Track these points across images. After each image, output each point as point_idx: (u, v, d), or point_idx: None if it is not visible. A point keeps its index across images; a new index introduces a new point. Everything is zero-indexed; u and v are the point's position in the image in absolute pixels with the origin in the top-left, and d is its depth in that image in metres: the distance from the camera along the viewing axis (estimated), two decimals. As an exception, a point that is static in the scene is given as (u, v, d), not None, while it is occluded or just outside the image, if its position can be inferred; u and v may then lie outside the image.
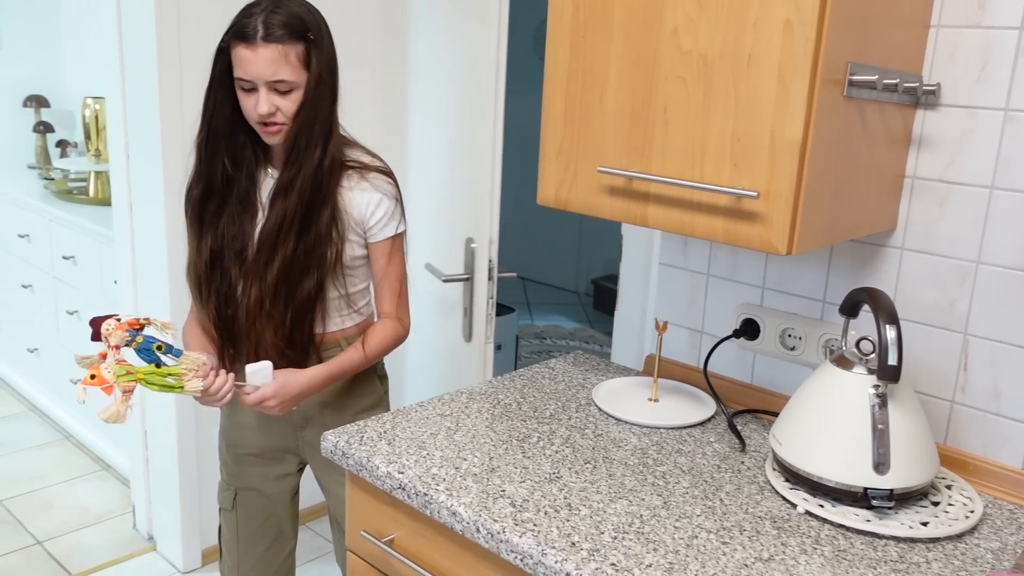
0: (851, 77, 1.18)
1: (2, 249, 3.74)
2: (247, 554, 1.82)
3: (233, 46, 1.50)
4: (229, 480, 1.81)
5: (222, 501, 1.83)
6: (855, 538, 1.20)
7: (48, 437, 3.40)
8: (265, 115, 1.51)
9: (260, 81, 1.49)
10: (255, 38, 1.47)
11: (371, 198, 1.61)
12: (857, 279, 1.48)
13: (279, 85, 1.50)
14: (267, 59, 1.47)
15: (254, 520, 1.81)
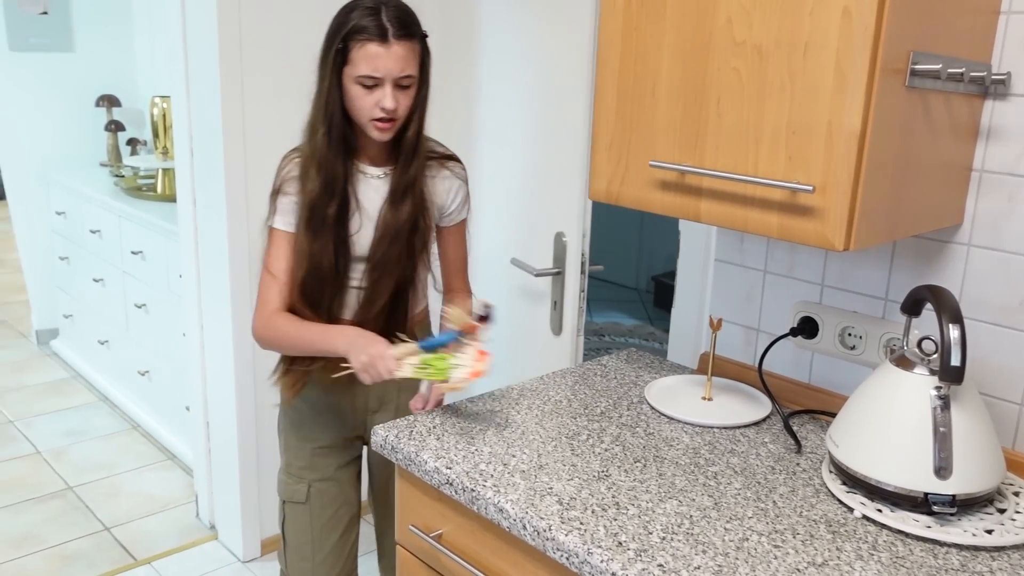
0: (913, 66, 1.14)
1: (76, 244, 3.86)
2: (322, 544, 1.83)
3: (360, 44, 1.48)
4: (301, 474, 1.79)
5: (292, 495, 1.81)
6: (914, 545, 1.15)
7: (117, 426, 3.51)
8: (391, 111, 1.51)
9: (390, 77, 1.50)
10: (387, 36, 1.47)
11: (452, 185, 1.69)
12: (921, 276, 1.43)
13: (404, 81, 1.51)
14: (399, 56, 1.48)
15: (328, 510, 1.82)
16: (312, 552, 1.83)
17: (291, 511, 1.82)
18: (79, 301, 3.97)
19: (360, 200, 1.62)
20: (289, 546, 1.84)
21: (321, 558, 1.83)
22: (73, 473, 3.14)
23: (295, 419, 1.80)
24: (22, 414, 3.60)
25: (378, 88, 1.50)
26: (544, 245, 2.12)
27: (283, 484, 1.83)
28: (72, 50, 4.11)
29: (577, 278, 2.03)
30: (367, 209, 1.62)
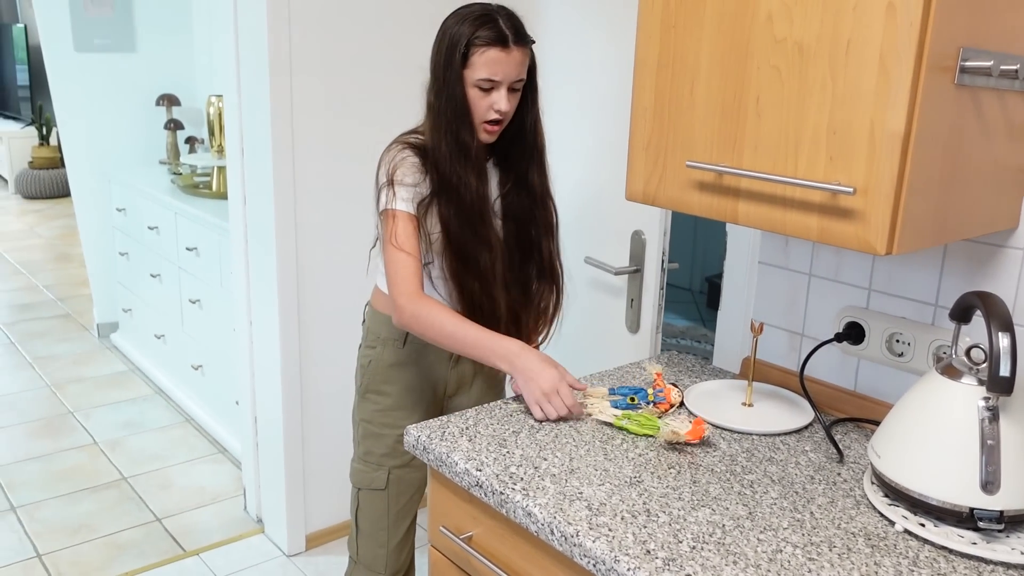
0: (963, 63, 1.09)
1: (135, 240, 3.96)
2: (396, 530, 1.87)
3: (481, 49, 1.55)
4: (381, 461, 1.82)
5: (370, 482, 1.83)
6: (958, 562, 1.11)
7: (171, 419, 3.59)
8: (506, 112, 1.60)
9: (507, 81, 1.58)
10: (508, 42, 1.56)
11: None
12: (973, 281, 1.37)
13: (516, 84, 1.60)
14: (517, 61, 1.57)
15: (404, 496, 1.86)
16: (388, 539, 1.87)
17: (367, 498, 1.86)
18: (137, 296, 4.06)
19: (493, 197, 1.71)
20: (363, 533, 1.88)
21: (395, 544, 1.88)
22: (128, 464, 3.22)
23: (381, 406, 1.81)
24: (82, 405, 3.70)
25: (494, 91, 1.58)
26: (620, 243, 2.13)
27: (359, 472, 1.85)
28: (134, 51, 4.21)
29: (657, 275, 2.06)
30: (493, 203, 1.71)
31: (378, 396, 1.82)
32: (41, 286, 5.32)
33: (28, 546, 2.69)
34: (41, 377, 3.98)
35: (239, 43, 2.45)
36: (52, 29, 4.02)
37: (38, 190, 7.68)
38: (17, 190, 7.79)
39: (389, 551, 1.87)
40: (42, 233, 6.59)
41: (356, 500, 1.87)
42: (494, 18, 1.56)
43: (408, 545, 1.92)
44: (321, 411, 2.62)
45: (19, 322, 4.70)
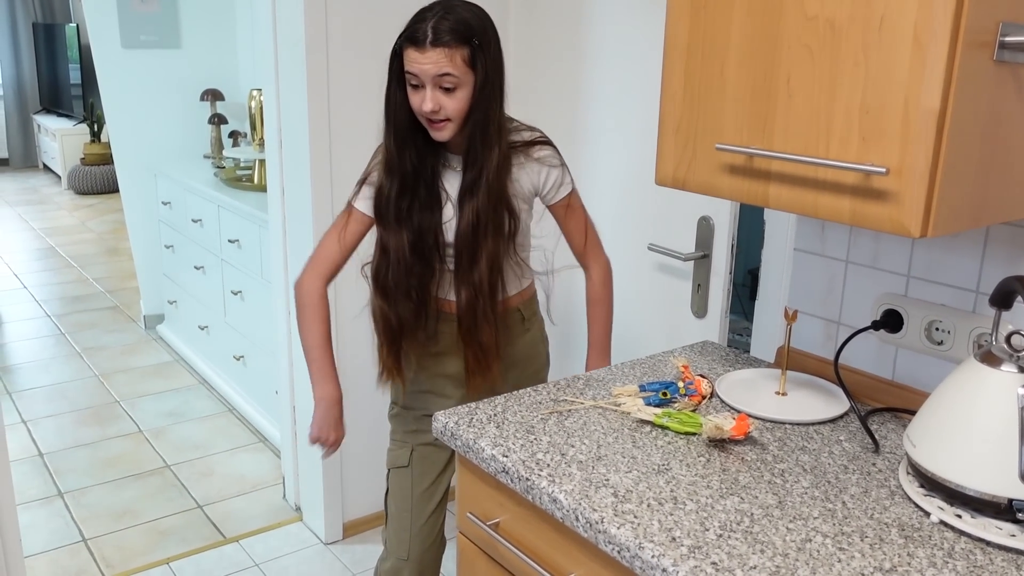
0: (1002, 39, 1.05)
1: (180, 233, 4.03)
2: (420, 511, 1.88)
3: (405, 48, 1.60)
4: (405, 438, 1.87)
5: (396, 460, 1.88)
6: (995, 554, 1.07)
7: (213, 409, 3.65)
8: (429, 112, 1.60)
9: (427, 78, 1.58)
10: (424, 42, 1.56)
11: (539, 169, 1.74)
12: (1016, 267, 1.33)
13: (444, 81, 1.58)
14: (434, 60, 1.57)
15: (428, 476, 1.88)
16: (411, 521, 1.88)
17: (394, 479, 1.89)
18: (182, 288, 4.14)
19: (447, 189, 1.72)
20: (391, 517, 1.91)
21: (418, 528, 1.88)
22: (171, 452, 3.28)
23: (412, 390, 1.87)
24: (128, 395, 3.78)
25: (421, 89, 1.60)
26: (685, 230, 2.14)
27: (389, 453, 1.91)
28: (179, 47, 4.27)
29: (726, 260, 2.07)
30: (452, 196, 1.71)
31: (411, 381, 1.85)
32: (91, 279, 5.44)
33: (74, 531, 2.76)
34: (90, 367, 4.07)
35: (277, 36, 2.47)
36: (100, 26, 4.10)
37: (90, 186, 7.86)
38: (70, 186, 7.98)
39: (413, 535, 1.88)
40: (93, 228, 6.74)
41: (387, 484, 1.91)
42: (424, 17, 1.58)
43: (433, 534, 1.91)
44: (358, 400, 2.63)
45: (70, 314, 4.81)
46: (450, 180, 1.72)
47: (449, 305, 1.77)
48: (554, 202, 1.79)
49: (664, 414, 1.40)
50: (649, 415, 1.41)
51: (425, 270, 1.73)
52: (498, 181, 1.67)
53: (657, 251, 2.17)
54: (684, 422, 1.38)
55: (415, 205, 1.69)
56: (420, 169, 1.69)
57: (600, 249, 1.88)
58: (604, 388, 1.55)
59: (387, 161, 1.69)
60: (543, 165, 1.74)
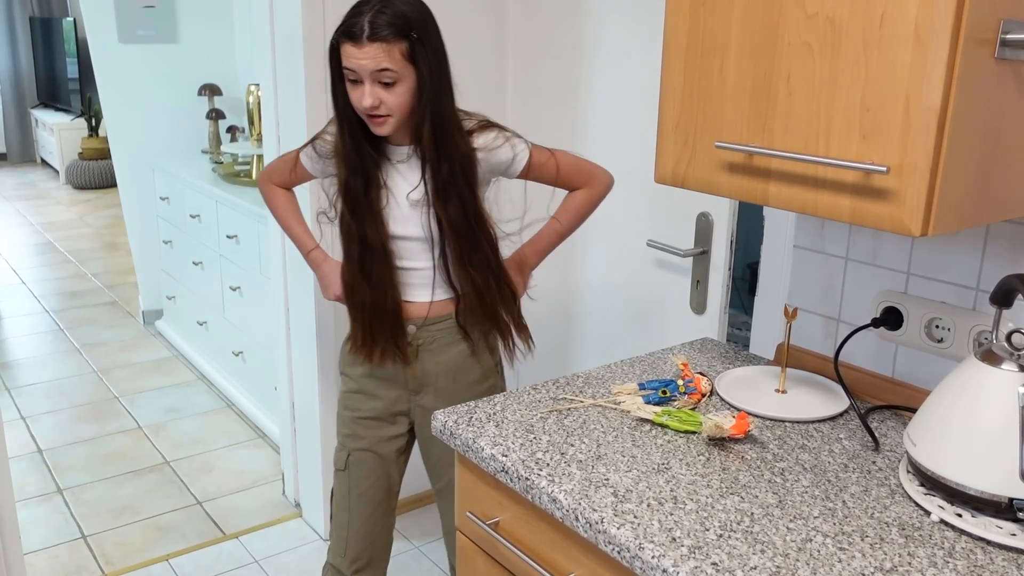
0: (1004, 36, 1.05)
1: (178, 229, 4.02)
2: (357, 513, 1.89)
3: (342, 43, 1.58)
4: (344, 441, 1.88)
5: (336, 461, 1.90)
6: (996, 553, 1.07)
7: (213, 405, 3.64)
8: (368, 107, 1.58)
9: (364, 74, 1.56)
10: (361, 37, 1.54)
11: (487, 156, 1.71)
12: (1016, 264, 1.33)
13: (383, 76, 1.56)
14: (371, 55, 1.54)
15: (366, 480, 1.88)
16: (348, 521, 1.89)
17: (336, 478, 1.91)
18: (181, 283, 4.13)
19: (386, 180, 1.70)
20: (333, 515, 1.93)
21: (355, 530, 1.89)
22: (170, 448, 3.28)
23: (347, 388, 1.88)
24: (127, 391, 3.77)
25: (360, 84, 1.58)
26: (684, 226, 2.13)
27: (334, 452, 1.92)
28: (177, 41, 4.26)
29: (725, 256, 2.07)
30: (392, 189, 1.70)
31: (346, 378, 1.87)
32: (89, 274, 5.43)
33: (74, 527, 2.76)
34: (88, 363, 4.07)
35: (275, 31, 2.46)
36: (97, 21, 4.08)
37: (87, 180, 7.84)
38: (68, 180, 7.96)
39: (350, 535, 1.88)
40: (91, 222, 6.73)
41: (334, 480, 1.92)
42: (361, 11, 1.55)
43: (373, 535, 1.90)
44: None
45: (68, 309, 4.81)
46: (391, 174, 1.70)
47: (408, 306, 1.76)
48: (520, 173, 1.76)
49: (664, 412, 1.40)
50: (649, 414, 1.41)
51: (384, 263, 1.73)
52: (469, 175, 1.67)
53: (656, 247, 2.17)
54: (684, 421, 1.38)
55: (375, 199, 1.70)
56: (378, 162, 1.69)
57: (594, 175, 1.83)
58: (603, 386, 1.54)
59: (345, 158, 1.68)
60: (490, 151, 1.71)
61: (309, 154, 1.84)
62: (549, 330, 2.62)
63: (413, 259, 1.73)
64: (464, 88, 1.70)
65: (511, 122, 2.59)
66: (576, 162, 1.81)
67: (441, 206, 1.66)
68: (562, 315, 2.56)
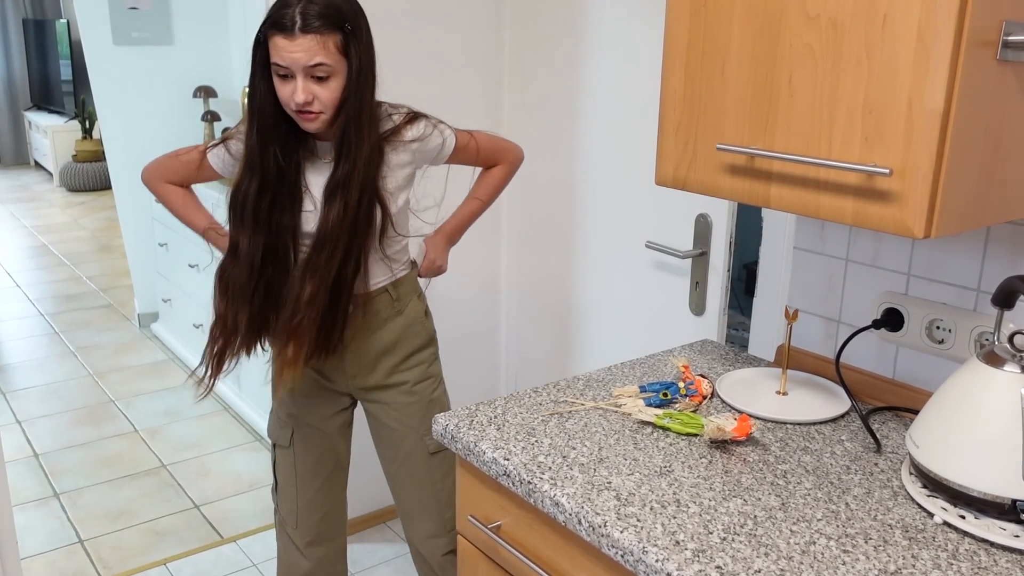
0: (1006, 38, 1.05)
1: (173, 231, 4.01)
2: (305, 488, 1.91)
3: (271, 36, 1.51)
4: (287, 419, 1.88)
5: (278, 438, 1.91)
6: (1000, 555, 1.07)
7: (210, 408, 3.63)
8: (302, 103, 1.53)
9: (297, 68, 1.51)
10: (293, 29, 1.48)
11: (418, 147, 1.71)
12: (1017, 265, 1.33)
13: (317, 70, 1.52)
14: (305, 48, 1.49)
15: (311, 455, 1.90)
16: (297, 494, 1.92)
17: (278, 454, 1.92)
18: (176, 286, 4.11)
19: (308, 183, 1.65)
20: (278, 487, 1.95)
21: (305, 501, 1.91)
22: (167, 452, 3.27)
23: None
24: (123, 394, 3.76)
25: (291, 79, 1.52)
26: (682, 227, 2.14)
27: (271, 427, 1.93)
28: (172, 43, 4.24)
29: (724, 258, 2.07)
30: (313, 192, 1.65)
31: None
32: (84, 277, 5.42)
33: (71, 532, 2.75)
34: (84, 366, 4.05)
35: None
36: (91, 23, 4.07)
37: (82, 183, 7.82)
38: (62, 183, 7.94)
39: (300, 506, 1.92)
40: (86, 225, 6.71)
41: (273, 453, 1.94)
42: (289, 2, 1.49)
43: (328, 504, 1.94)
44: (355, 400, 2.62)
45: (63, 312, 4.79)
46: (316, 171, 1.65)
47: None
48: (449, 158, 1.80)
49: (665, 415, 1.40)
50: (650, 416, 1.40)
51: (277, 274, 1.66)
52: (370, 175, 1.61)
53: (655, 249, 2.17)
54: (685, 423, 1.37)
55: (275, 206, 1.62)
56: (285, 167, 1.61)
57: (508, 149, 1.91)
58: (604, 389, 1.54)
59: (248, 158, 1.61)
60: (419, 141, 1.70)
61: (220, 155, 1.74)
62: (549, 332, 2.62)
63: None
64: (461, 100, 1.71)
65: (509, 132, 2.60)
66: (492, 140, 1.88)
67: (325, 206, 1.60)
68: (562, 317, 2.56)
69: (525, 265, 2.66)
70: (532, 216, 2.60)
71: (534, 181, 2.56)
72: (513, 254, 2.70)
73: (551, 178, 2.50)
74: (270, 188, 1.61)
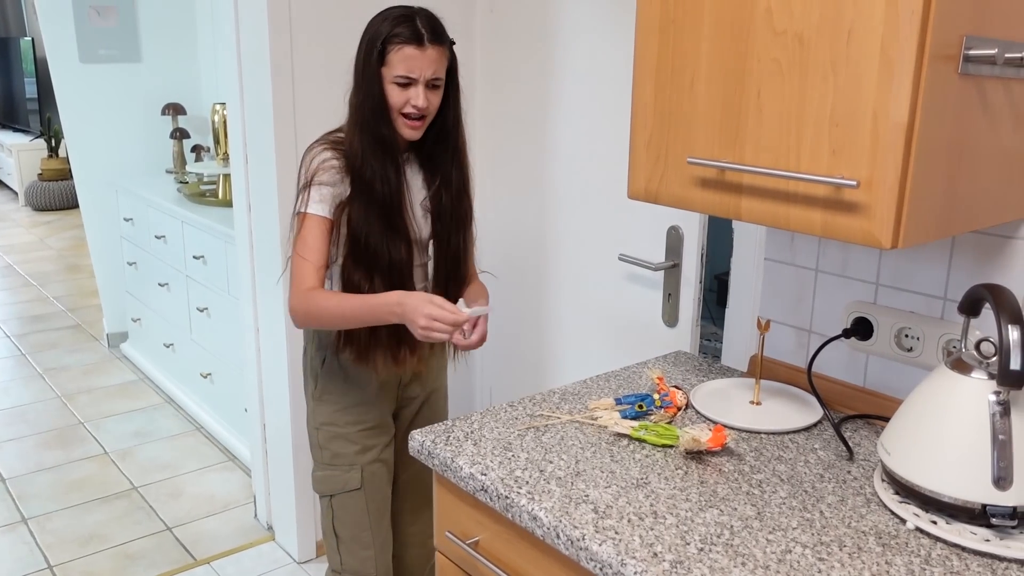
0: (967, 52, 1.07)
1: (143, 250, 3.97)
2: (379, 528, 1.86)
3: (398, 47, 1.60)
4: (354, 459, 1.81)
5: (344, 484, 1.81)
6: (971, 559, 1.09)
7: (181, 428, 3.59)
8: (423, 108, 1.63)
9: (423, 78, 1.61)
10: (423, 40, 1.60)
11: None
12: (982, 274, 1.35)
13: (435, 82, 1.64)
14: (432, 59, 1.61)
15: (380, 492, 1.86)
16: (372, 538, 1.85)
17: (342, 503, 1.83)
18: (146, 305, 4.07)
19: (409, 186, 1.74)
20: (344, 541, 1.85)
21: (380, 542, 1.87)
22: (138, 473, 3.22)
23: (342, 407, 1.80)
24: (92, 416, 3.71)
25: (411, 87, 1.62)
26: (654, 240, 2.15)
27: (328, 479, 1.83)
28: (140, 60, 4.22)
29: (696, 269, 2.10)
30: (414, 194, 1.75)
31: (337, 396, 1.80)
32: (51, 297, 5.34)
33: (39, 558, 2.69)
34: (52, 388, 3.99)
35: (241, 50, 2.45)
36: (57, 40, 4.03)
37: (48, 202, 7.72)
38: (27, 202, 7.83)
39: (377, 550, 1.86)
40: (52, 244, 6.62)
41: (330, 509, 1.84)
42: (411, 17, 1.61)
43: (391, 541, 1.91)
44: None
45: (30, 333, 4.72)
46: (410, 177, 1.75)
47: None
48: None
49: (641, 427, 1.40)
50: (626, 428, 1.41)
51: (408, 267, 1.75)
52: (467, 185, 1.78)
53: (627, 261, 2.18)
54: (661, 435, 1.38)
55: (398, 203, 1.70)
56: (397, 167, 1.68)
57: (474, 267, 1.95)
58: (580, 402, 1.55)
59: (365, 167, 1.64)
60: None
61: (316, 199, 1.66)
62: (524, 346, 2.62)
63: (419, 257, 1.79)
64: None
65: (482, 144, 2.61)
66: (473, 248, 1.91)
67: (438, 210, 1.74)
68: (537, 331, 2.57)
69: (499, 279, 2.67)
70: (505, 229, 2.61)
71: (507, 194, 2.57)
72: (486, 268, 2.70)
73: (524, 191, 2.51)
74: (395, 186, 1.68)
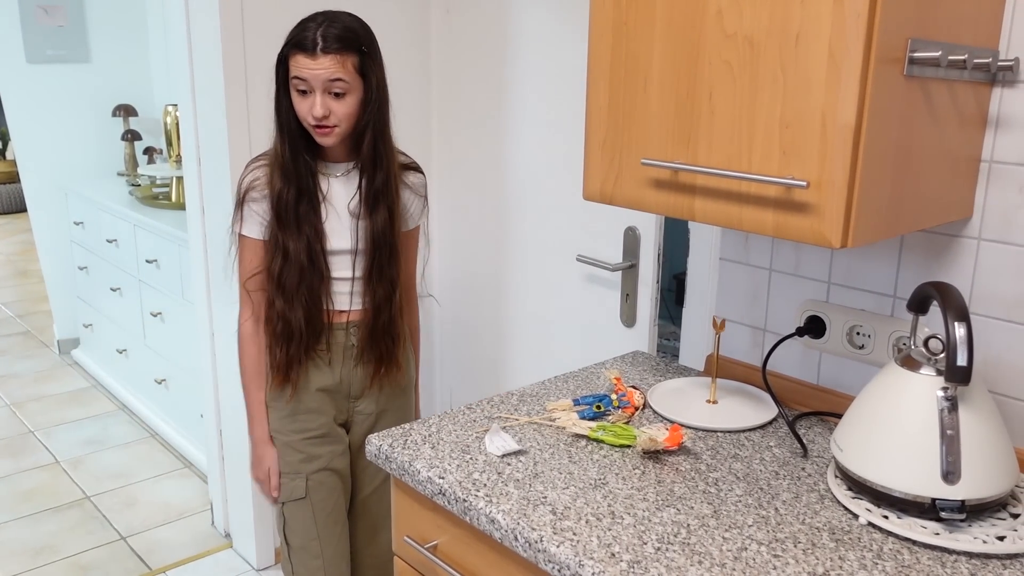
0: (912, 54, 1.09)
1: (94, 254, 3.89)
2: (329, 537, 1.84)
3: (293, 55, 1.62)
4: (299, 468, 1.81)
5: (290, 493, 1.82)
6: (922, 553, 1.11)
7: (135, 435, 3.52)
8: (320, 118, 1.62)
9: (317, 84, 1.60)
10: (315, 48, 1.59)
11: (409, 195, 1.82)
12: (930, 272, 1.38)
13: (335, 86, 1.61)
14: (324, 65, 1.59)
15: (329, 501, 1.84)
16: (321, 548, 1.84)
17: (291, 511, 1.83)
18: (98, 310, 3.99)
19: (326, 194, 1.73)
20: (295, 550, 1.84)
21: (330, 553, 1.84)
22: (91, 482, 3.15)
23: (286, 413, 1.82)
24: (42, 424, 3.62)
25: (309, 95, 1.62)
26: (611, 240, 2.16)
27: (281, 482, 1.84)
28: (89, 61, 4.13)
29: (653, 270, 2.11)
30: (333, 203, 1.74)
31: (282, 403, 1.81)
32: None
33: (-12, 570, 2.63)
34: (0, 396, 3.89)
35: (192, 52, 2.41)
36: (2, 40, 3.94)
37: (-5, 205, 7.53)
38: (-27, 206, 7.63)
39: (326, 561, 1.84)
40: (0, 249, 6.46)
41: (281, 517, 1.85)
42: (309, 25, 1.60)
43: (346, 554, 1.88)
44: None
45: (-23, 341, 4.60)
46: (328, 185, 1.73)
47: (338, 315, 1.77)
48: (410, 227, 1.85)
49: (599, 427, 1.41)
50: (584, 429, 1.41)
51: (314, 277, 1.73)
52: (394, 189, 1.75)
53: (585, 262, 2.19)
54: (619, 435, 1.39)
55: (309, 212, 1.70)
56: (312, 175, 1.71)
57: (415, 295, 1.95)
58: (538, 403, 1.55)
59: (282, 168, 1.69)
60: (412, 192, 1.82)
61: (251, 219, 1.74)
62: (482, 348, 2.62)
63: (339, 270, 1.76)
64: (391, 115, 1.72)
65: (438, 145, 2.60)
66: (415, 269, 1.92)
67: (369, 215, 1.71)
68: (495, 332, 2.56)
69: (457, 281, 2.66)
70: (462, 231, 2.60)
71: (463, 197, 2.56)
72: (445, 271, 2.69)
73: (481, 193, 2.50)
74: (305, 194, 1.69)
